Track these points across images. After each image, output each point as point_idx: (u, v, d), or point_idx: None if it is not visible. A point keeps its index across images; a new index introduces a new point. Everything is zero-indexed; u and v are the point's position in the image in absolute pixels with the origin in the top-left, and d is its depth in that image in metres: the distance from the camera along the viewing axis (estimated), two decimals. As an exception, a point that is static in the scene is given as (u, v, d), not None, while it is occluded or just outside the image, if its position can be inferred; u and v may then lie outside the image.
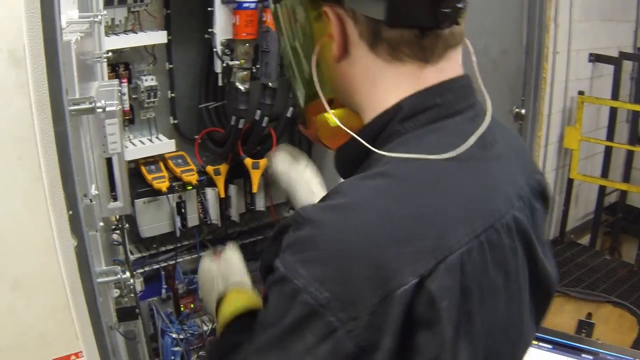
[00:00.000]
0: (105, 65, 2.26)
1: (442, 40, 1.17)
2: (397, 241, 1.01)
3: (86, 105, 1.25)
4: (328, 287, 1.00)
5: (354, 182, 1.12)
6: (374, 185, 1.09)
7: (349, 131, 1.22)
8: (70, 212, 1.24)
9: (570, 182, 5.54)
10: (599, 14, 5.38)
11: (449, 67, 1.21)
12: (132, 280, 1.40)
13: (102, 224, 1.70)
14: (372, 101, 1.23)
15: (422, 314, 1.01)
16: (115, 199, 1.74)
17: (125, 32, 2.74)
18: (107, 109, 1.30)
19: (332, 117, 1.32)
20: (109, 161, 1.67)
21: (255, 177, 3.03)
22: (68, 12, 1.56)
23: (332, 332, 1.01)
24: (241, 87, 2.73)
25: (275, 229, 1.30)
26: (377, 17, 1.14)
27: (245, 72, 2.74)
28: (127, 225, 2.52)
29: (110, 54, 2.21)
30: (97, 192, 1.55)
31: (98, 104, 1.28)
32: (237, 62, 2.70)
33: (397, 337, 1.00)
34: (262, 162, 2.98)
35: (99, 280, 1.34)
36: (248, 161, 2.97)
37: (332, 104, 1.34)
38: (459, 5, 1.16)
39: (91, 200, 1.47)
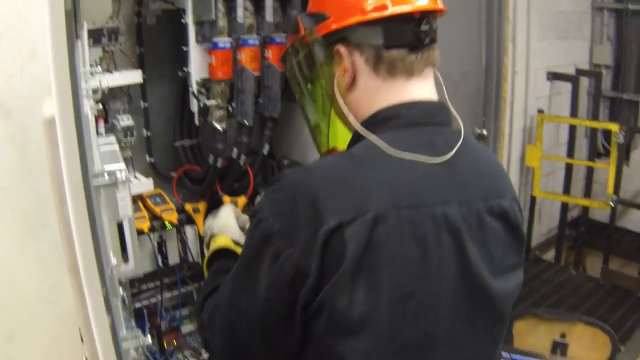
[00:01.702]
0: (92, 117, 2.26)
1: (424, 57, 1.60)
2: (333, 195, 1.39)
3: (107, 181, 1.26)
4: (280, 220, 1.42)
5: (328, 156, 1.67)
6: (334, 158, 1.55)
7: (352, 120, 1.61)
8: (104, 292, 1.25)
9: (533, 199, 5.61)
10: (554, 32, 5.47)
11: (427, 86, 1.63)
12: (150, 342, 1.41)
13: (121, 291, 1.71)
14: (368, 111, 1.61)
15: (335, 248, 1.36)
16: (125, 260, 1.74)
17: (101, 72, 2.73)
18: (124, 177, 1.31)
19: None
20: (119, 224, 1.68)
21: (232, 214, 3.04)
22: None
23: (277, 256, 1.41)
24: (218, 127, 2.73)
25: None
26: (377, 43, 1.56)
27: (222, 112, 2.74)
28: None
29: (100, 105, 2.20)
30: (115, 259, 1.56)
31: (118, 176, 1.29)
32: (214, 102, 2.70)
33: (320, 264, 1.36)
34: (240, 200, 2.98)
35: (124, 347, 1.34)
36: (226, 199, 2.97)
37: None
38: (434, 27, 1.60)
39: (112, 271, 1.48)
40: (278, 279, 1.42)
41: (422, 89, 1.61)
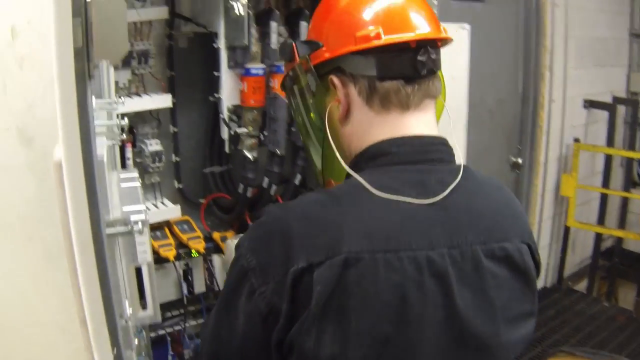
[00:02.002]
0: (117, 149, 2.19)
1: (421, 89, 1.50)
2: (307, 235, 1.35)
3: (122, 229, 1.18)
4: (256, 257, 1.38)
5: (310, 192, 1.61)
6: (316, 195, 1.49)
7: (341, 162, 1.54)
8: (115, 351, 1.17)
9: (567, 229, 5.52)
10: (592, 59, 5.41)
11: (424, 119, 1.53)
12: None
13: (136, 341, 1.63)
14: (359, 148, 1.54)
15: (304, 289, 1.32)
16: (144, 306, 1.66)
17: (129, 95, 2.67)
18: (141, 225, 1.23)
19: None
20: (138, 269, 1.60)
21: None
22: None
23: (253, 292, 1.37)
24: (249, 156, 2.66)
25: None
26: (370, 74, 1.49)
27: (253, 140, 2.68)
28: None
29: (124, 136, 2.14)
30: (131, 309, 1.48)
31: (134, 226, 1.20)
32: (245, 130, 2.63)
33: (290, 304, 1.33)
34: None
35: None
36: (256, 228, 2.90)
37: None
38: (433, 56, 1.50)
39: (126, 322, 1.40)
40: (253, 316, 1.40)
41: (418, 123, 1.52)
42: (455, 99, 3.08)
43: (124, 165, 2.63)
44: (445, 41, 1.58)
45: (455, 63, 3.03)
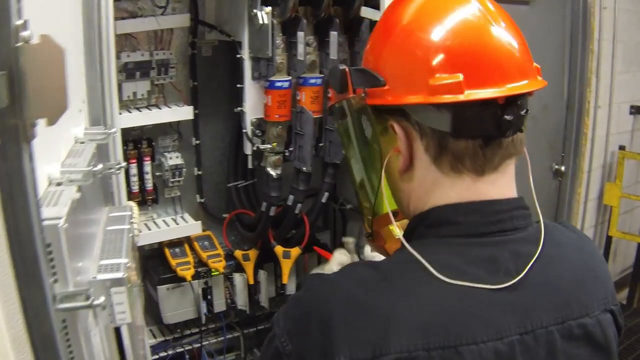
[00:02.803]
0: (121, 177, 2.06)
1: (503, 150, 1.23)
2: (349, 325, 1.13)
3: (80, 303, 1.01)
4: (292, 342, 1.20)
5: (357, 264, 1.36)
6: (361, 271, 1.24)
7: (396, 229, 1.41)
8: None
9: (609, 239, 5.36)
10: (639, 64, 5.20)
11: (502, 181, 1.27)
12: None
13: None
14: (419, 208, 1.30)
15: None
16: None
17: (148, 106, 2.55)
18: (103, 300, 1.07)
19: (396, 228, 1.48)
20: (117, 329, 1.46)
21: (286, 267, 2.81)
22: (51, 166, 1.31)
23: None
24: (273, 173, 2.52)
25: None
26: (443, 129, 1.20)
27: (277, 157, 2.52)
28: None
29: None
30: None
31: (96, 301, 1.03)
32: (269, 146, 2.48)
33: None
34: (294, 251, 2.77)
35: None
36: (279, 249, 2.76)
37: (397, 215, 1.41)
38: (522, 113, 1.21)
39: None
40: None
41: (493, 187, 1.27)
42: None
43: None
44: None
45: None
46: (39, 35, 0.87)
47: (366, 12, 2.48)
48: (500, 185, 1.26)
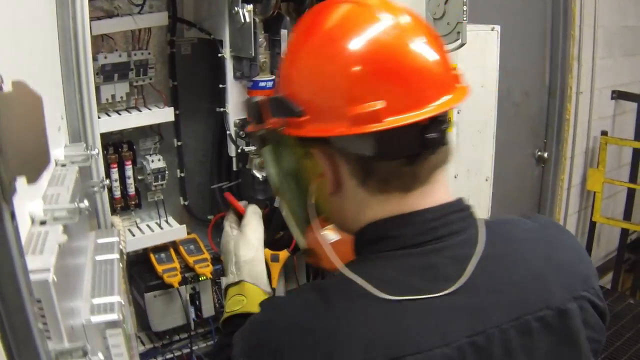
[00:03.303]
0: (105, 194, 1.99)
1: (429, 164, 1.25)
2: (295, 347, 1.17)
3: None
4: None
5: (304, 287, 1.46)
6: (306, 295, 1.27)
7: (335, 260, 1.29)
8: None
9: (592, 225, 5.38)
10: (620, 49, 5.26)
11: (432, 191, 1.28)
12: None
13: None
14: (356, 225, 1.32)
15: None
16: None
17: (128, 109, 2.47)
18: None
19: (329, 233, 1.54)
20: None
21: (275, 270, 2.73)
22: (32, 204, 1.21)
23: None
24: (259, 176, 2.45)
25: None
26: (367, 154, 1.21)
27: (262, 158, 2.44)
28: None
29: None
30: None
31: (93, 358, 0.97)
32: (254, 148, 2.41)
33: None
34: (282, 254, 2.70)
35: None
36: (267, 252, 2.68)
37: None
38: (444, 127, 1.24)
39: None
40: None
41: (423, 199, 1.28)
42: (485, 103, 2.90)
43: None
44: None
45: (484, 68, 2.83)
46: (12, 82, 0.78)
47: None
48: (430, 195, 1.28)
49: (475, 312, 1.20)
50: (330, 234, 1.68)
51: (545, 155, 4.70)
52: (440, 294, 1.18)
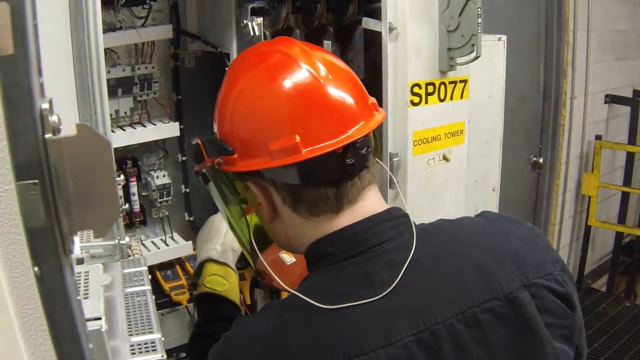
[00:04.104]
0: (121, 220, 1.96)
1: (354, 186, 1.35)
2: (253, 358, 1.24)
3: None
4: None
5: (266, 306, 1.41)
6: (265, 313, 1.35)
7: (271, 272, 1.46)
8: None
9: (587, 229, 5.38)
10: (613, 53, 5.26)
11: (362, 207, 1.37)
12: None
13: None
14: (301, 247, 1.42)
15: None
16: None
17: (132, 124, 2.42)
18: None
19: (286, 256, 1.84)
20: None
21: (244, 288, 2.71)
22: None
23: None
24: (273, 189, 2.40)
25: None
26: (293, 182, 1.33)
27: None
28: None
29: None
30: None
31: None
32: (260, 161, 2.36)
33: None
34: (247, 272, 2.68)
35: None
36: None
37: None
38: (363, 152, 1.33)
39: None
40: None
41: (353, 215, 1.37)
42: (492, 114, 2.88)
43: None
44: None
45: (491, 79, 2.81)
46: (77, 126, 0.72)
47: (367, 23, 2.38)
48: (360, 210, 1.37)
49: (416, 311, 1.25)
50: (286, 257, 1.95)
51: (541, 160, 4.69)
52: (376, 297, 1.24)
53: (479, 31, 2.13)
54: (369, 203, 1.39)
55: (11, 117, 0.57)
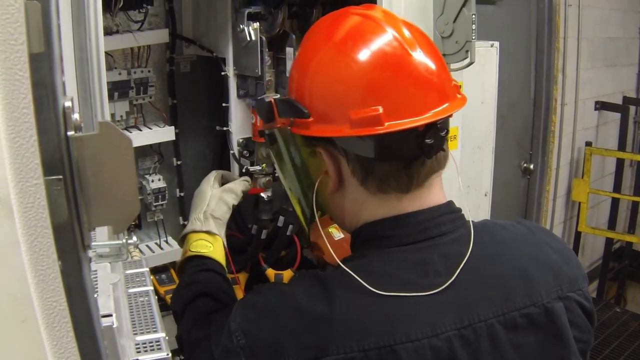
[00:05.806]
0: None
1: (426, 168, 1.33)
2: (294, 329, 1.26)
3: None
4: (246, 339, 1.31)
5: (305, 275, 1.40)
6: (308, 282, 1.34)
7: (333, 256, 1.42)
8: None
9: (578, 235, 5.41)
10: (603, 60, 5.31)
11: (427, 194, 1.37)
12: None
13: None
14: (354, 224, 1.43)
15: None
16: None
17: (128, 128, 2.43)
18: None
19: (335, 230, 1.78)
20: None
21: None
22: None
23: None
24: (264, 196, 2.40)
25: None
26: (368, 155, 1.30)
27: (267, 178, 2.41)
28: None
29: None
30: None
31: None
32: (259, 167, 2.37)
33: None
34: (286, 274, 2.65)
35: None
36: (270, 273, 2.63)
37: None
38: (442, 134, 1.30)
39: None
40: None
41: (418, 201, 1.37)
42: (485, 120, 2.89)
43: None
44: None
45: (484, 85, 2.83)
46: (99, 123, 0.74)
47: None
48: (425, 197, 1.37)
49: (463, 307, 1.27)
50: (335, 232, 1.93)
51: (531, 166, 4.72)
52: (431, 292, 1.26)
53: (473, 37, 2.15)
54: (435, 191, 1.39)
55: (37, 115, 0.58)
